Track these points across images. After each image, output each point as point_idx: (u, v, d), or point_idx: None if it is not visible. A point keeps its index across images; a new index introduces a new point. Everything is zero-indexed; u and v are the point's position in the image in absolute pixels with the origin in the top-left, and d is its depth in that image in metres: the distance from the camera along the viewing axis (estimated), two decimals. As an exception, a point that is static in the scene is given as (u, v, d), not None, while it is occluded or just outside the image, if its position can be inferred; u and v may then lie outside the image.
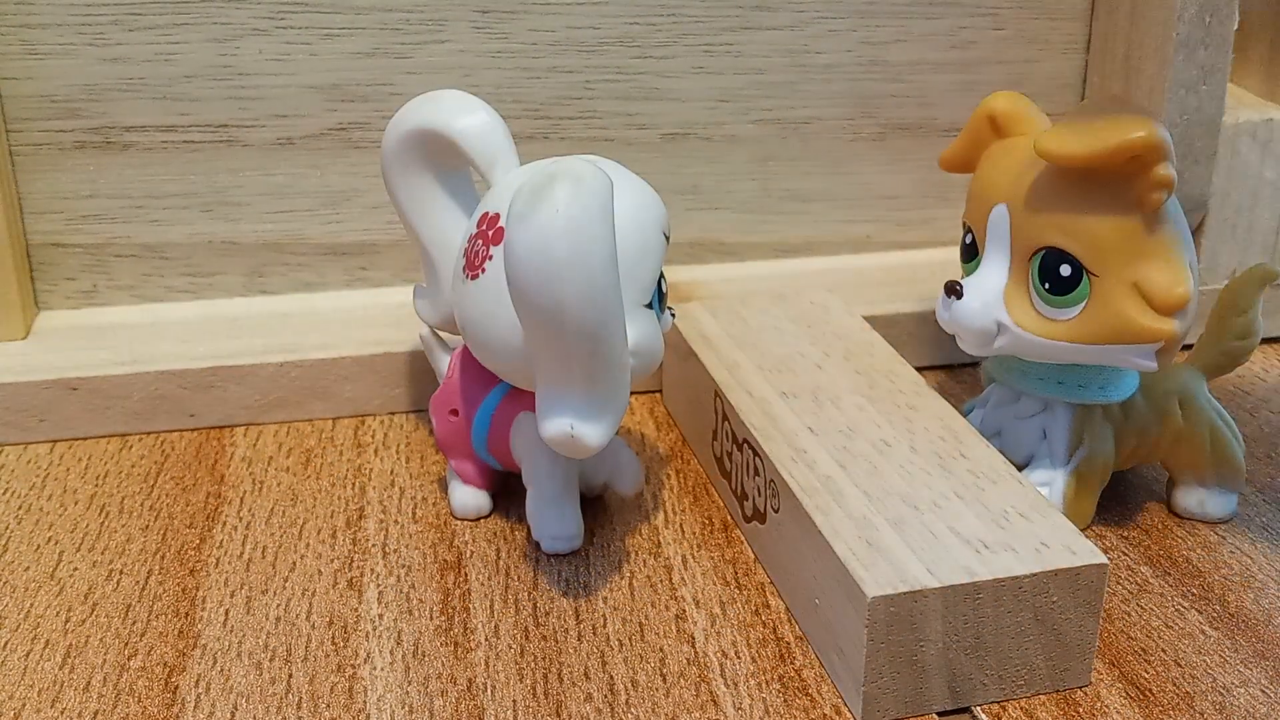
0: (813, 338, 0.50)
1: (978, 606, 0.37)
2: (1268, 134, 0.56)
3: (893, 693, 0.38)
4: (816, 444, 0.43)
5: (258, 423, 0.53)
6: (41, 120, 0.53)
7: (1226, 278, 0.57)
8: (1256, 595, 0.43)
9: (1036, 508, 0.40)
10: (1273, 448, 0.51)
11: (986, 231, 0.43)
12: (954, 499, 0.41)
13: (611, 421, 0.40)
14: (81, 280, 0.55)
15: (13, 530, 0.46)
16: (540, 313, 0.37)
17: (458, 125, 0.44)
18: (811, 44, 0.57)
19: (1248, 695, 0.39)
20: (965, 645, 0.38)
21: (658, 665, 0.40)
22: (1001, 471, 0.42)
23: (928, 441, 0.44)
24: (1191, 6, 0.53)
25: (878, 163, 0.60)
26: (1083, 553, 0.38)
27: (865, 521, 0.40)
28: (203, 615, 0.42)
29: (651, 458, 0.51)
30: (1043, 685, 0.39)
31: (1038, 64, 0.59)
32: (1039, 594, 0.38)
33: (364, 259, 0.57)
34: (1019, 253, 0.43)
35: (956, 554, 0.38)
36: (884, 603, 0.37)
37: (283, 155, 0.55)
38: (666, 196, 0.44)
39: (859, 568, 0.38)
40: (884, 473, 0.42)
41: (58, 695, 0.39)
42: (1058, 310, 0.42)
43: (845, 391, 0.47)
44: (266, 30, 0.53)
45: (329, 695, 0.39)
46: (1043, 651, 0.39)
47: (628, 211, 0.40)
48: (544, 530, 0.44)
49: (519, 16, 0.54)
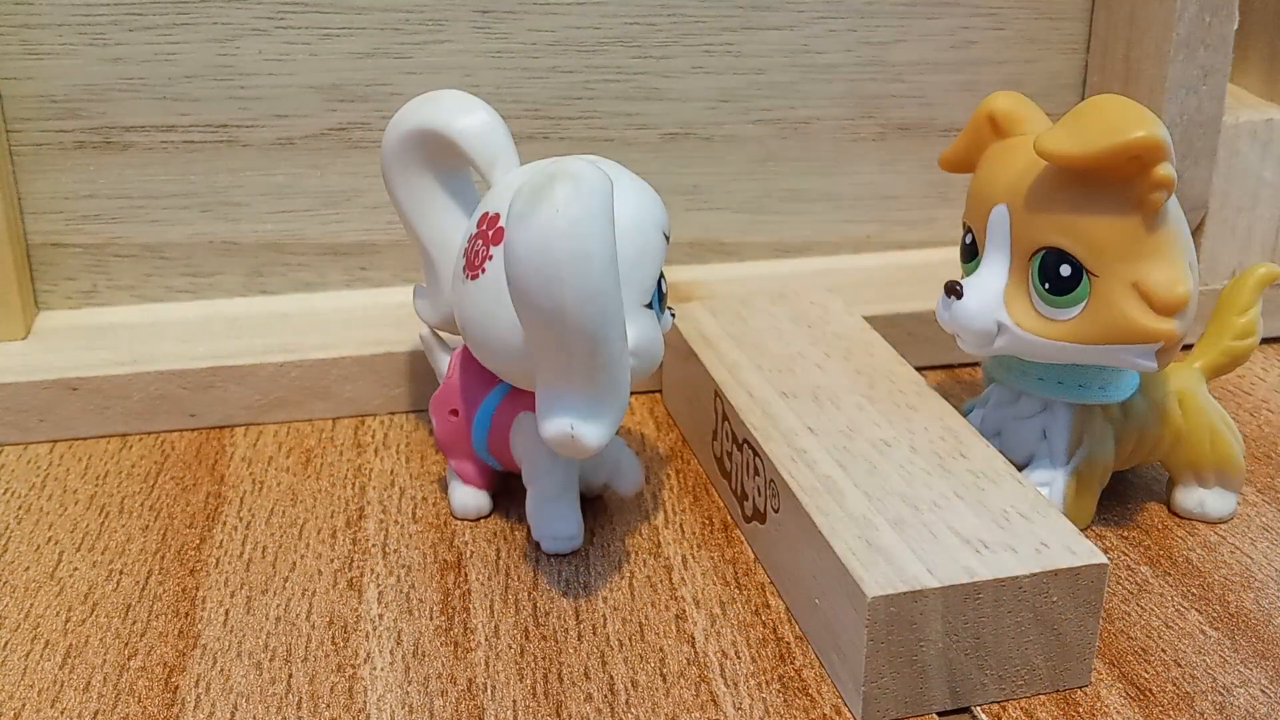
0: (813, 338, 0.50)
1: (978, 606, 0.37)
2: (1268, 134, 0.56)
3: (893, 693, 0.38)
4: (816, 444, 0.43)
5: (258, 423, 0.53)
6: (41, 120, 0.53)
7: (1226, 278, 0.57)
8: (1256, 595, 0.43)
9: (1037, 508, 0.40)
10: (1273, 448, 0.51)
11: (986, 232, 0.43)
12: (954, 499, 0.41)
13: (611, 421, 0.40)
14: (81, 280, 0.55)
15: (13, 530, 0.46)
16: (540, 313, 0.37)
17: (458, 125, 0.44)
18: (811, 44, 0.57)
19: (1248, 695, 0.39)
20: (965, 645, 0.38)
21: (658, 665, 0.40)
22: (1001, 471, 0.42)
23: (928, 441, 0.44)
24: (1191, 6, 0.53)
25: (878, 163, 0.60)
26: (1083, 553, 0.38)
27: (865, 521, 0.40)
28: (203, 615, 0.42)
29: (651, 458, 0.51)
30: (1043, 685, 0.39)
31: (1038, 64, 0.59)
32: (1039, 594, 0.38)
33: (364, 259, 0.57)
34: (1019, 253, 0.43)
35: (956, 554, 0.38)
36: (884, 603, 0.37)
37: (283, 155, 0.55)
38: (666, 196, 0.44)
39: (859, 567, 0.38)
40: (884, 473, 0.42)
41: (58, 695, 0.39)
42: (1058, 310, 0.42)
43: (845, 391, 0.47)
44: (266, 30, 0.53)
45: (329, 695, 0.39)
46: (1043, 651, 0.39)
47: (628, 211, 0.40)
48: (544, 530, 0.44)
49: (519, 16, 0.54)
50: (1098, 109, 0.41)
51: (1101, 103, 0.41)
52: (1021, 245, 0.42)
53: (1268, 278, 0.47)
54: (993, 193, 0.43)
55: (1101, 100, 0.41)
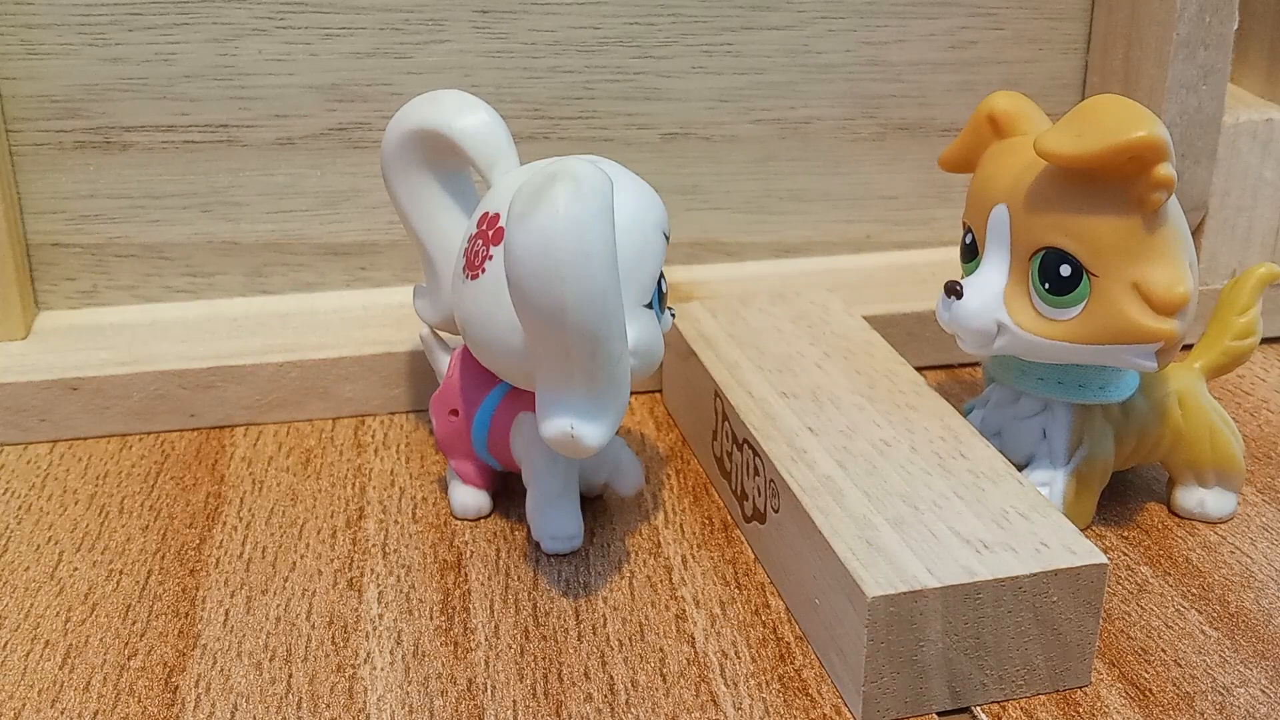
0: (813, 338, 0.50)
1: (978, 606, 0.37)
2: (1268, 134, 0.56)
3: (893, 693, 0.38)
4: (816, 444, 0.43)
5: (258, 423, 0.53)
6: (41, 120, 0.53)
7: (1226, 278, 0.57)
8: (1256, 595, 0.43)
9: (1036, 507, 0.40)
10: (1273, 448, 0.51)
11: (986, 231, 0.43)
12: (954, 499, 0.41)
13: (611, 421, 0.40)
14: (81, 280, 0.55)
15: (13, 530, 0.46)
16: (540, 313, 0.37)
17: (458, 125, 0.44)
18: (811, 44, 0.57)
19: (1248, 695, 0.39)
20: (965, 645, 0.38)
21: (658, 665, 0.40)
22: (1001, 471, 0.42)
23: (928, 441, 0.44)
24: (1191, 6, 0.53)
25: (878, 163, 0.60)
26: (1083, 553, 0.38)
27: (865, 521, 0.40)
28: (203, 615, 0.42)
29: (651, 458, 0.51)
30: (1043, 685, 0.39)
31: (1038, 64, 0.59)
32: (1039, 594, 0.38)
33: (364, 259, 0.57)
34: (1019, 253, 0.43)
35: (956, 554, 0.38)
36: (884, 602, 0.37)
37: (283, 155, 0.55)
38: (666, 196, 0.44)
39: (859, 567, 0.38)
40: (884, 473, 0.42)
41: (58, 695, 0.39)
42: (1058, 310, 0.42)
43: (845, 391, 0.47)
44: (266, 30, 0.53)
45: (329, 695, 0.39)
46: (1043, 651, 0.39)
47: (628, 211, 0.40)
48: (544, 530, 0.44)
49: (519, 16, 0.54)
50: (1097, 109, 0.41)
51: (1101, 103, 0.41)
52: (1021, 245, 0.42)
53: (1268, 278, 0.47)
54: (993, 193, 0.43)
55: (1101, 100, 0.41)
